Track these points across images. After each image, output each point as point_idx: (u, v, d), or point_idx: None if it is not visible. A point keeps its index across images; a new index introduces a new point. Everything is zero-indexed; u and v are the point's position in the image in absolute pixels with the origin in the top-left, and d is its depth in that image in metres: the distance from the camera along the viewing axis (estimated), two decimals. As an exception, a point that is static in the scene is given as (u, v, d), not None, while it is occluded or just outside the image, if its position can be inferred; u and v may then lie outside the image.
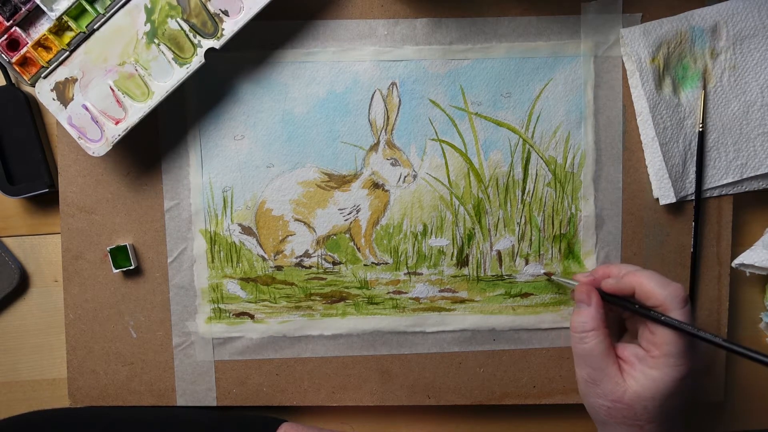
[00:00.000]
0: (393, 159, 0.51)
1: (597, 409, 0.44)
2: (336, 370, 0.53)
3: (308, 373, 0.53)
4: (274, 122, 0.51)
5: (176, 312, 0.52)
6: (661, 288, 0.41)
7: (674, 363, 0.41)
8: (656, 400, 0.41)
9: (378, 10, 0.50)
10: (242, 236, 0.52)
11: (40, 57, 0.46)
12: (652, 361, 0.41)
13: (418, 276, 0.53)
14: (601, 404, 0.43)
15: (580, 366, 0.44)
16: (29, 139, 0.51)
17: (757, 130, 0.51)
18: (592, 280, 0.46)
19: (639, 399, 0.41)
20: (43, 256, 0.54)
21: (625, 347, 0.43)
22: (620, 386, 0.42)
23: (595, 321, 0.44)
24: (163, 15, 0.46)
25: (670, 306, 0.41)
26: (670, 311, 0.41)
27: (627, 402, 0.42)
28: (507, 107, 0.51)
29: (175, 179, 0.51)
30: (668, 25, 0.50)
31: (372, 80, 0.51)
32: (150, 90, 0.47)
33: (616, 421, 0.43)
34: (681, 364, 0.41)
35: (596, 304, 0.44)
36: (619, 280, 0.44)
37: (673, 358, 0.41)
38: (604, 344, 0.43)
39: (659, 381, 0.41)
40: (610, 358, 0.43)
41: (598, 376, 0.43)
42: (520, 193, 0.52)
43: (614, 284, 0.44)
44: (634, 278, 0.43)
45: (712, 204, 0.53)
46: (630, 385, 0.42)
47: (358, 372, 0.53)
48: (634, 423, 0.42)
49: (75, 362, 0.53)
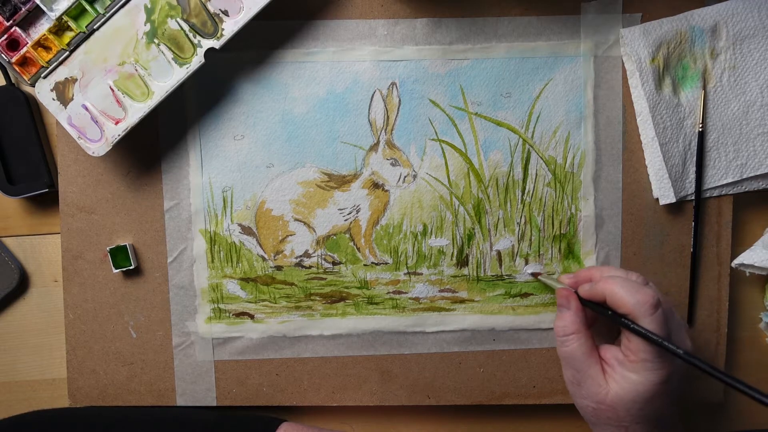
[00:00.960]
0: (393, 159, 0.51)
1: (584, 409, 0.44)
2: (336, 370, 0.53)
3: (308, 373, 0.53)
4: (273, 122, 0.51)
5: (176, 312, 0.52)
6: (630, 296, 0.42)
7: (651, 367, 0.41)
8: (638, 402, 0.41)
9: (378, 10, 0.50)
10: (242, 236, 0.52)
11: (39, 57, 0.46)
12: (631, 365, 0.41)
13: (418, 276, 0.53)
14: (587, 405, 0.43)
15: (565, 367, 0.45)
16: (29, 139, 0.51)
17: (756, 130, 0.51)
18: (574, 282, 0.47)
19: (621, 401, 0.41)
20: (43, 256, 0.54)
21: (607, 349, 0.44)
22: (603, 388, 0.42)
23: (575, 324, 0.44)
24: (163, 15, 0.46)
25: (639, 313, 0.41)
26: (640, 319, 0.41)
27: (609, 403, 0.42)
28: (507, 107, 0.51)
29: (175, 179, 0.51)
30: (668, 25, 0.50)
31: (372, 80, 0.51)
32: (150, 90, 0.47)
33: (602, 422, 0.43)
34: (659, 368, 0.41)
35: (575, 308, 0.45)
36: (593, 286, 0.44)
37: (649, 363, 0.41)
38: (585, 347, 0.43)
39: (638, 384, 0.41)
40: (593, 359, 0.43)
41: (582, 378, 0.43)
42: (520, 193, 0.52)
43: (588, 290, 0.45)
44: (605, 285, 0.43)
45: (712, 204, 0.53)
46: (612, 387, 0.42)
47: (357, 372, 0.53)
48: (619, 425, 0.42)
49: (75, 362, 0.53)
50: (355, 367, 0.53)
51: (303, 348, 0.53)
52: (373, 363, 0.53)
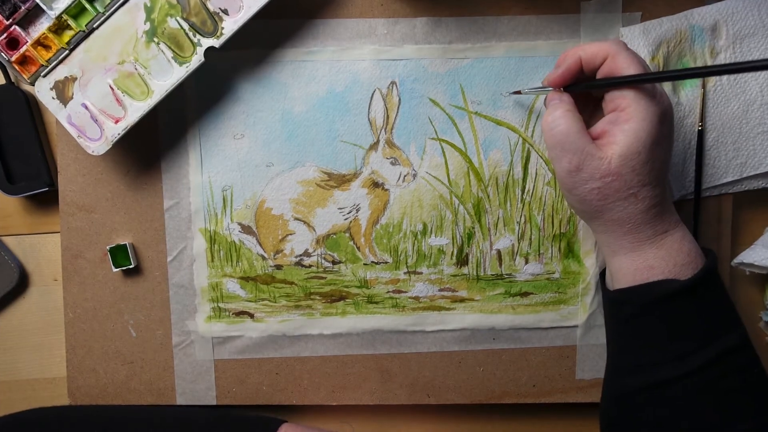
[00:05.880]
0: (393, 158, 0.51)
1: (587, 197, 0.43)
2: (336, 369, 0.53)
3: (308, 372, 0.53)
4: (273, 121, 0.51)
5: (176, 311, 0.52)
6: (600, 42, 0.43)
7: (646, 105, 0.41)
8: (642, 154, 0.41)
9: (378, 9, 0.50)
10: (242, 235, 0.52)
11: (39, 56, 0.46)
12: (625, 115, 0.41)
13: (418, 275, 0.53)
14: (591, 188, 0.42)
15: (559, 158, 0.43)
16: (29, 137, 0.51)
17: (756, 129, 0.51)
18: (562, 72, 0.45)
19: (625, 160, 0.41)
20: (42, 255, 0.54)
21: (596, 126, 0.43)
22: (604, 159, 0.41)
23: (564, 104, 0.43)
24: (163, 14, 0.46)
25: (615, 50, 0.41)
26: (618, 56, 0.41)
27: (615, 170, 0.41)
28: (507, 106, 0.51)
29: (175, 178, 0.51)
30: (668, 23, 0.50)
31: (372, 79, 0.51)
32: (150, 89, 0.47)
33: (611, 201, 0.42)
34: (653, 105, 0.41)
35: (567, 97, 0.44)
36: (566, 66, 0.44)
37: (643, 102, 0.41)
38: (578, 123, 0.42)
39: (639, 130, 0.40)
40: (587, 137, 0.42)
41: (580, 159, 0.42)
42: (520, 192, 0.52)
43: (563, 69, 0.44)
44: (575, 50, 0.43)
45: (712, 203, 0.53)
46: (613, 152, 0.41)
47: (357, 371, 0.53)
48: (627, 194, 0.41)
49: (74, 361, 0.53)
50: (354, 366, 0.53)
51: (303, 347, 0.53)
52: (373, 362, 0.53)
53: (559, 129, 0.42)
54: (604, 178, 0.41)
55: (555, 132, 0.43)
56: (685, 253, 0.43)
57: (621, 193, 0.42)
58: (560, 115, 0.43)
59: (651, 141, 0.41)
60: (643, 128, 0.40)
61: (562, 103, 0.44)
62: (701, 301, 0.42)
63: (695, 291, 0.42)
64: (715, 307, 0.43)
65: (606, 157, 0.41)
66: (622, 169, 0.41)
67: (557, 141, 0.43)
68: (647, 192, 0.42)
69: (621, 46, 0.42)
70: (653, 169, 0.41)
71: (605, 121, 0.42)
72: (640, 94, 0.41)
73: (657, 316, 0.42)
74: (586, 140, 0.42)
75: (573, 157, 0.42)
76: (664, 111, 0.41)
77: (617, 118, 0.42)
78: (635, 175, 0.41)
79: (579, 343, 0.54)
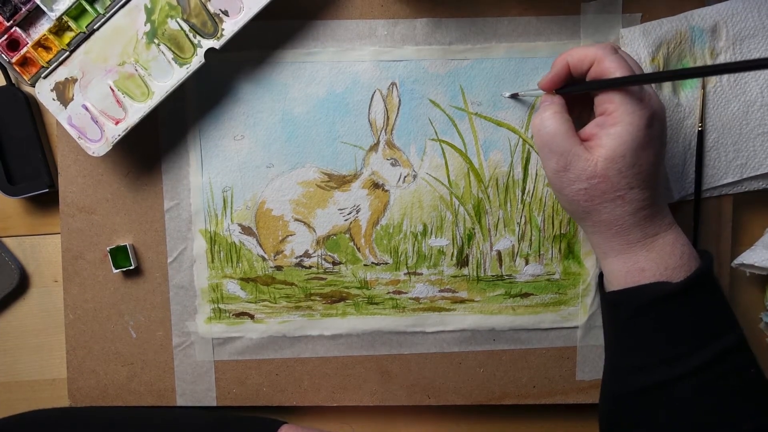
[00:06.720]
0: (393, 159, 0.51)
1: (575, 197, 0.43)
2: (336, 370, 0.53)
3: (308, 373, 0.53)
4: (273, 122, 0.51)
5: (176, 312, 0.52)
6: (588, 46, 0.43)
7: (632, 110, 0.40)
8: (627, 157, 0.41)
9: (378, 10, 0.50)
10: (242, 236, 0.52)
11: (40, 57, 0.46)
12: (612, 119, 0.41)
13: (418, 276, 0.53)
14: (578, 189, 0.42)
15: (547, 158, 0.43)
16: (29, 139, 0.51)
17: (756, 130, 0.51)
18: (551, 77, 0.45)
19: (611, 163, 0.41)
20: (42, 256, 0.54)
21: (585, 128, 0.43)
22: (591, 161, 0.41)
23: (554, 106, 0.44)
24: (163, 15, 0.46)
25: (602, 54, 0.41)
26: (605, 60, 0.41)
27: (601, 172, 0.41)
28: (507, 107, 0.51)
29: (175, 179, 0.51)
30: (668, 25, 0.50)
31: (372, 80, 0.51)
32: (150, 90, 0.47)
33: (597, 202, 0.42)
34: (640, 109, 0.40)
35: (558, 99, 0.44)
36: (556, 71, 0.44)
37: (629, 106, 0.40)
38: (566, 125, 0.43)
39: (624, 134, 0.40)
40: (575, 139, 0.42)
41: (567, 160, 0.42)
42: (520, 193, 0.52)
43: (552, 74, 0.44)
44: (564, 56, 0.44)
45: (712, 204, 0.53)
46: (599, 155, 0.41)
47: (357, 372, 0.53)
48: (614, 196, 0.42)
49: (75, 362, 0.53)
50: (355, 367, 0.53)
51: (303, 348, 0.53)
52: (373, 363, 0.53)
53: (547, 130, 0.43)
54: (591, 179, 0.42)
55: (543, 133, 0.43)
56: (677, 256, 0.43)
57: (608, 195, 0.42)
58: (549, 116, 0.43)
59: (636, 144, 0.41)
60: (628, 132, 0.41)
61: (552, 104, 0.44)
62: (696, 303, 0.42)
63: (688, 293, 0.42)
64: (711, 308, 0.43)
65: (592, 159, 0.41)
66: (608, 171, 0.41)
67: (545, 141, 0.43)
68: (634, 195, 0.42)
69: (608, 50, 0.42)
70: (640, 172, 0.41)
71: (593, 124, 0.43)
72: (627, 97, 0.41)
73: (652, 318, 0.42)
74: (573, 141, 0.42)
75: (560, 158, 0.42)
76: (651, 114, 0.41)
77: (604, 122, 0.42)
78: (622, 177, 0.41)
79: (579, 344, 0.54)
